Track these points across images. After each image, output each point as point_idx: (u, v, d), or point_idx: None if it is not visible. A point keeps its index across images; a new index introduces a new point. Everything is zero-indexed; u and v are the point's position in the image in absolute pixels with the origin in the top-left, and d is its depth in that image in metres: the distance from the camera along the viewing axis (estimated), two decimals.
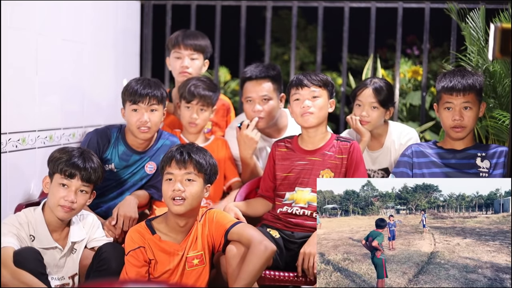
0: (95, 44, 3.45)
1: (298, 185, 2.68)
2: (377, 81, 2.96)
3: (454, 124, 2.65)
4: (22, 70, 2.78)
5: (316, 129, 2.69)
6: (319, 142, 2.71)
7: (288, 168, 2.72)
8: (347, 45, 4.01)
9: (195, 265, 2.38)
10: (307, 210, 2.64)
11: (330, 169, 2.65)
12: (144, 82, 2.80)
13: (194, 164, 2.33)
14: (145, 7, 4.14)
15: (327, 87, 2.70)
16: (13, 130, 2.71)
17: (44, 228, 2.39)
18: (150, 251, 2.34)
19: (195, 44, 3.26)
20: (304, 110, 2.65)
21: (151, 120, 2.76)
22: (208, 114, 3.02)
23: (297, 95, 2.69)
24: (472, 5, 3.30)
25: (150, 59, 4.22)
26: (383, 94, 2.92)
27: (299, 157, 2.71)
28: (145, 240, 2.35)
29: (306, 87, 2.66)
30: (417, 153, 2.75)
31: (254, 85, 3.03)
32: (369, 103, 2.92)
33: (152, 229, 2.37)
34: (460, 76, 2.66)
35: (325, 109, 2.69)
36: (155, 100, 2.77)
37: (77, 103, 3.27)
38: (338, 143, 2.70)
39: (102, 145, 2.81)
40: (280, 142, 2.80)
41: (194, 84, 2.98)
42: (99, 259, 2.36)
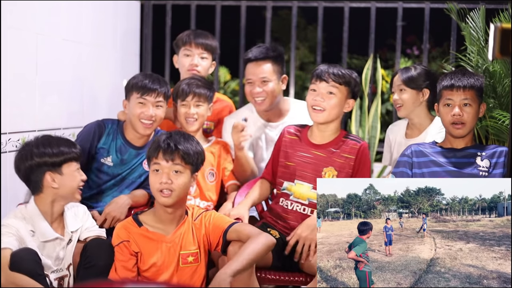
0: (95, 44, 3.45)
1: (297, 177, 2.63)
2: (408, 66, 3.02)
3: (454, 119, 2.64)
4: (22, 70, 2.78)
5: (327, 125, 2.63)
6: (327, 138, 2.65)
7: (291, 156, 2.67)
8: (347, 45, 4.01)
9: (189, 262, 2.37)
10: (308, 208, 2.61)
11: (334, 168, 2.61)
12: (153, 77, 2.84)
13: (181, 156, 2.32)
14: (145, 7, 4.14)
15: (349, 85, 2.59)
16: (13, 130, 2.71)
17: (42, 221, 2.38)
18: (135, 244, 2.34)
19: (206, 44, 3.26)
20: (315, 103, 2.59)
21: (156, 115, 2.79)
22: (204, 109, 2.96)
23: (314, 85, 2.61)
24: (472, 5, 3.30)
25: (150, 59, 4.22)
26: (409, 75, 2.94)
27: (304, 149, 2.66)
28: (130, 234, 2.34)
29: (325, 82, 2.58)
30: (417, 152, 2.74)
31: (254, 66, 3.00)
32: (398, 86, 2.97)
33: (138, 222, 2.37)
34: (461, 74, 2.67)
35: (339, 109, 2.60)
36: (162, 96, 2.81)
37: (77, 103, 3.27)
38: (346, 141, 2.64)
39: (99, 133, 2.84)
40: (290, 128, 2.75)
41: (187, 83, 2.97)
42: (86, 256, 2.35)
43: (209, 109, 3.01)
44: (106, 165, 2.83)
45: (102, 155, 2.83)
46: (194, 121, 2.94)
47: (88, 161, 2.81)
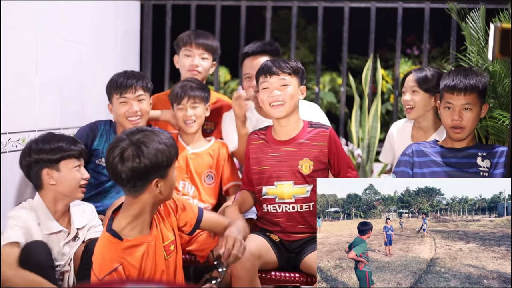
0: (95, 44, 3.45)
1: (276, 179, 2.59)
2: (424, 68, 3.00)
3: (453, 124, 2.64)
4: (22, 70, 2.78)
5: (288, 118, 2.59)
6: (292, 131, 2.62)
7: (263, 161, 2.63)
8: (347, 45, 4.01)
9: (171, 251, 2.23)
10: (296, 205, 2.57)
11: (308, 158, 2.57)
12: (127, 74, 2.86)
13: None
14: (145, 7, 4.14)
15: (297, 74, 2.58)
16: (13, 130, 2.71)
17: (47, 213, 2.40)
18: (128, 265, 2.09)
19: (207, 44, 3.26)
20: (273, 99, 2.55)
21: (141, 109, 2.82)
22: (201, 110, 2.96)
23: (266, 83, 2.57)
24: (472, 5, 3.30)
25: (150, 59, 4.22)
26: (424, 78, 2.92)
27: (273, 149, 2.62)
28: (119, 254, 2.08)
29: (275, 75, 2.55)
30: (418, 152, 2.74)
31: (252, 60, 3.00)
32: (410, 87, 2.95)
33: (118, 236, 2.10)
34: (463, 75, 2.64)
35: (296, 97, 2.58)
36: (142, 89, 2.83)
37: (77, 103, 3.27)
38: (313, 130, 2.62)
39: (92, 135, 2.86)
40: (253, 135, 2.71)
41: (180, 86, 2.97)
42: (87, 257, 2.35)
43: (207, 109, 3.01)
44: (101, 166, 2.83)
45: (97, 156, 2.84)
46: (192, 122, 2.95)
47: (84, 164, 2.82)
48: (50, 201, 2.42)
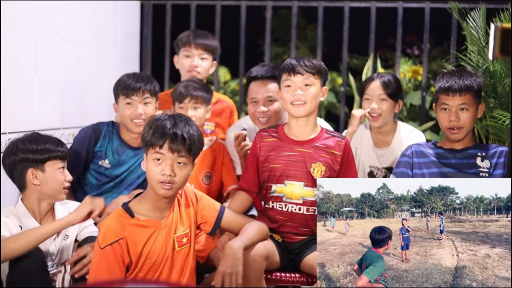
0: (95, 44, 3.44)
1: (286, 178, 2.56)
2: (384, 75, 3.00)
3: (450, 125, 2.64)
4: (21, 70, 2.77)
5: (307, 118, 2.57)
6: (309, 133, 2.59)
7: (275, 158, 2.58)
8: (347, 45, 4.00)
9: (184, 243, 2.26)
10: (303, 207, 2.55)
11: (321, 163, 2.55)
12: (136, 76, 2.85)
13: (187, 148, 2.20)
14: (145, 7, 4.14)
15: (321, 74, 2.56)
16: (13, 130, 2.71)
17: (29, 218, 2.39)
18: (131, 239, 2.17)
19: (206, 44, 3.25)
20: (295, 98, 2.52)
21: (145, 113, 2.80)
22: (202, 112, 2.94)
23: (288, 81, 2.53)
24: (472, 4, 3.30)
25: (150, 59, 4.21)
26: (391, 86, 2.94)
27: (288, 148, 2.57)
28: (124, 228, 2.17)
29: (299, 74, 2.51)
30: (417, 153, 2.74)
31: (260, 85, 2.91)
32: (378, 95, 2.93)
33: (130, 213, 2.21)
34: (458, 76, 2.64)
35: (318, 98, 2.56)
36: (148, 93, 2.82)
37: (77, 103, 3.27)
38: (330, 137, 2.60)
39: (95, 137, 2.84)
40: (264, 132, 2.66)
41: (184, 85, 2.97)
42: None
43: (207, 111, 3.00)
44: (103, 167, 2.83)
45: (100, 158, 2.84)
46: None
47: (85, 165, 2.82)
48: (33, 201, 2.41)
